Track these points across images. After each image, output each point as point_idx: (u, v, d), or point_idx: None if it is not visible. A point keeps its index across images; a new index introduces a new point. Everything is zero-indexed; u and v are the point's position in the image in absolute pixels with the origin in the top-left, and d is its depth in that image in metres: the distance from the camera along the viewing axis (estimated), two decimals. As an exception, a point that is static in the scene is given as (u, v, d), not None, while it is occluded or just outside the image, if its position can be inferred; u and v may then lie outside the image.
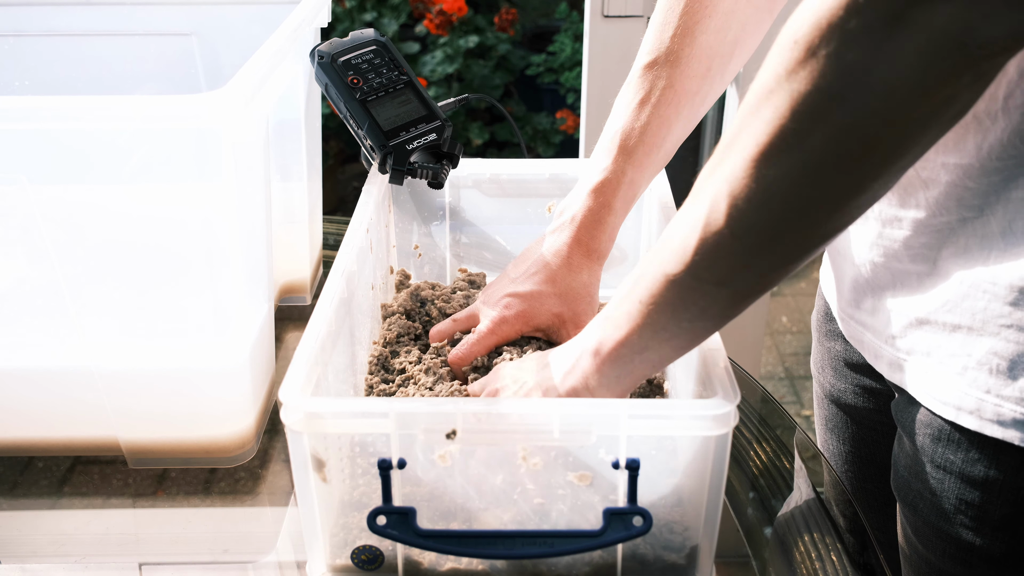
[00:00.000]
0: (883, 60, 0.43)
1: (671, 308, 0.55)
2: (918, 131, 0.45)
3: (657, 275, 0.54)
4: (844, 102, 0.44)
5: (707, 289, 0.53)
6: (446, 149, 0.87)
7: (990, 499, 0.65)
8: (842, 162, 0.46)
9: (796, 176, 0.47)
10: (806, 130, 0.45)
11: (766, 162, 0.47)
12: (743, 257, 0.51)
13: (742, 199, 0.48)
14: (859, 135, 0.45)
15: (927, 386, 0.67)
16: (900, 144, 0.46)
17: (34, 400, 0.78)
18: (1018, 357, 0.61)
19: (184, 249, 0.72)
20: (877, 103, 0.44)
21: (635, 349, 0.58)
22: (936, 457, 0.67)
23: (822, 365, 0.88)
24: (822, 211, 0.48)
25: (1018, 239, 0.59)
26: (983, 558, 0.67)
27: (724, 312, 0.54)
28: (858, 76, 0.43)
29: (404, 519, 0.59)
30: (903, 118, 0.44)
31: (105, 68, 1.02)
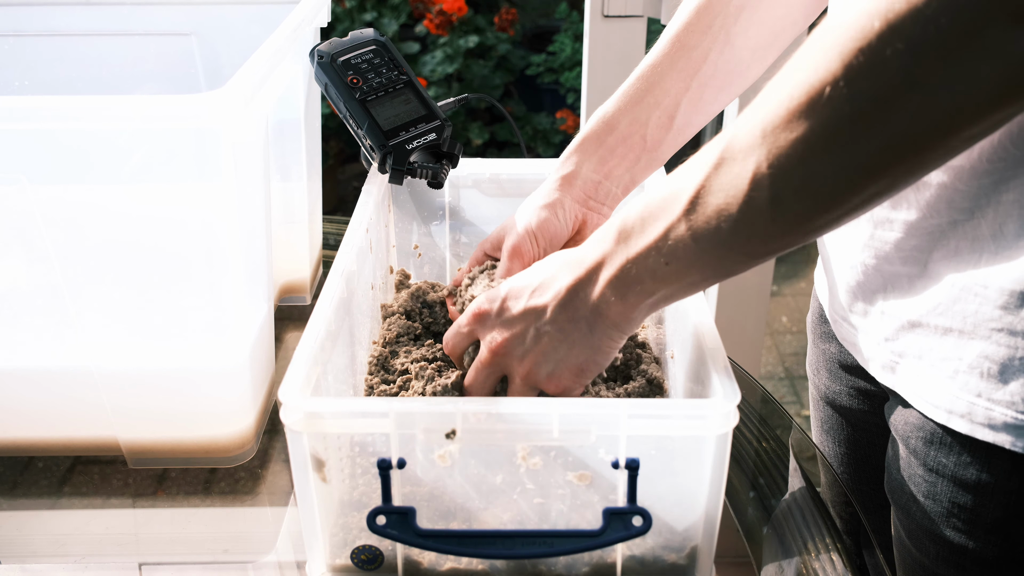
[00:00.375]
0: (954, 80, 0.42)
1: (699, 272, 0.55)
2: (966, 143, 0.46)
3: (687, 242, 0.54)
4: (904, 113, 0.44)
5: (737, 259, 0.53)
6: (446, 149, 0.87)
7: (982, 502, 0.65)
8: (891, 166, 0.46)
9: (845, 175, 0.47)
10: (863, 134, 0.45)
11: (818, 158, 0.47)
12: (778, 238, 0.51)
13: (787, 190, 0.48)
14: (913, 145, 0.45)
15: (919, 389, 0.67)
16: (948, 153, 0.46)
17: (34, 400, 0.78)
18: (1008, 361, 0.61)
19: (184, 249, 0.72)
20: (938, 118, 0.44)
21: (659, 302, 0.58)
22: (928, 460, 0.67)
23: (817, 367, 0.88)
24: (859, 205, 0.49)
25: (1009, 242, 0.59)
26: (976, 561, 0.67)
27: (744, 270, 0.55)
28: (923, 90, 0.43)
29: (404, 519, 0.59)
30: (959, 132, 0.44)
31: (105, 68, 1.02)
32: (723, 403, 0.57)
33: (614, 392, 0.73)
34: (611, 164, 0.79)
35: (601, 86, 1.64)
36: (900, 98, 0.43)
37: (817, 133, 0.46)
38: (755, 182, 0.49)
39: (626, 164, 0.79)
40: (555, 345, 0.61)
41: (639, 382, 0.74)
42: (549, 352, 0.62)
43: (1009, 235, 0.59)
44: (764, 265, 1.76)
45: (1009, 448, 0.62)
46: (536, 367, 0.63)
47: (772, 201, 0.49)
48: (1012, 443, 0.62)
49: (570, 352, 0.61)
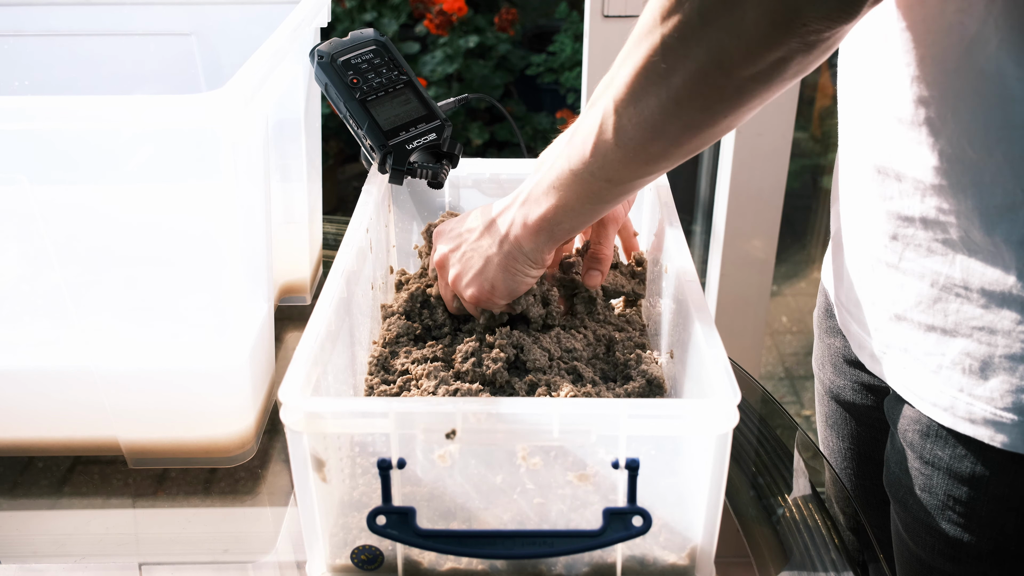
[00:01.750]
0: (723, 28, 0.51)
1: (574, 194, 0.65)
2: (755, 85, 0.54)
3: (565, 168, 0.65)
4: (696, 54, 0.53)
5: (601, 184, 0.64)
6: (446, 149, 0.87)
7: (978, 495, 0.65)
8: (696, 99, 0.55)
9: (664, 105, 0.56)
10: (670, 69, 0.55)
11: (642, 91, 0.57)
12: (625, 162, 0.61)
13: (624, 118, 0.59)
14: (708, 81, 0.54)
15: (905, 380, 0.68)
16: (741, 92, 0.54)
17: (34, 400, 0.78)
18: (989, 358, 0.62)
19: (184, 249, 0.72)
20: (721, 58, 0.53)
21: (551, 222, 0.68)
22: (925, 453, 0.68)
23: (822, 362, 0.89)
24: (684, 134, 0.58)
25: (979, 247, 0.60)
26: (971, 554, 0.67)
27: (615, 199, 0.66)
28: (706, 34, 0.52)
29: (404, 519, 0.59)
30: (741, 73, 0.53)
31: (105, 68, 1.02)
32: (723, 403, 0.57)
33: (614, 392, 0.73)
34: None
35: (601, 86, 1.64)
36: (695, 34, 0.52)
37: (641, 65, 0.56)
38: (604, 116, 0.60)
39: None
40: (474, 261, 0.73)
41: (639, 382, 0.74)
42: (470, 266, 0.74)
43: (978, 240, 0.60)
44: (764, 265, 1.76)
45: (988, 443, 0.63)
46: (460, 276, 0.75)
47: (616, 131, 0.60)
48: (991, 437, 0.63)
49: (486, 267, 0.72)
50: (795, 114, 1.67)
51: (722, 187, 1.73)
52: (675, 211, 0.82)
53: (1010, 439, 0.62)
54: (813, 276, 2.67)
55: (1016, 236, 0.59)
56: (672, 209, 0.82)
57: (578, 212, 0.67)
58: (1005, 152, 0.57)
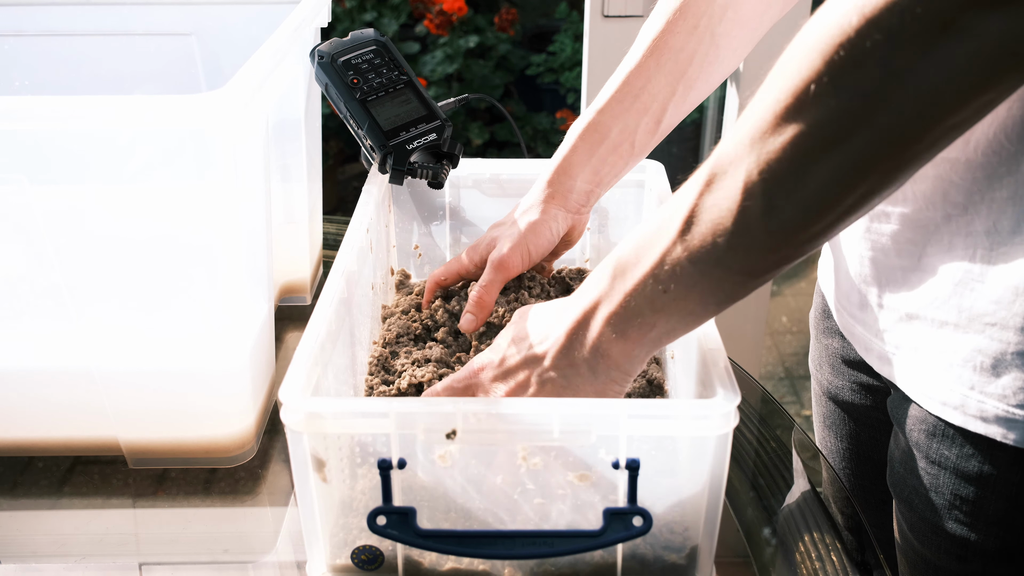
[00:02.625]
0: (931, 66, 0.42)
1: (699, 296, 0.54)
2: (953, 131, 0.46)
3: (684, 265, 0.53)
4: (890, 106, 0.44)
5: (736, 279, 0.52)
6: (446, 149, 0.87)
7: (985, 494, 0.65)
8: (881, 163, 0.46)
9: (837, 176, 0.47)
10: (850, 133, 0.45)
11: (809, 162, 0.47)
12: (774, 251, 0.50)
13: (780, 197, 0.48)
14: (900, 138, 0.45)
15: (915, 380, 0.68)
16: (935, 143, 0.46)
17: (34, 400, 0.78)
18: (1001, 355, 0.61)
19: (184, 249, 0.72)
20: (921, 108, 0.44)
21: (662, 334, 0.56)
22: (931, 453, 0.67)
23: (820, 362, 0.89)
24: (856, 207, 0.48)
25: (1004, 238, 0.60)
26: (978, 553, 0.67)
27: (746, 293, 0.54)
28: (906, 81, 0.43)
29: (404, 519, 0.59)
30: (943, 120, 0.44)
31: (105, 68, 1.02)
32: (723, 403, 0.57)
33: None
34: (603, 173, 0.80)
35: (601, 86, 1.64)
36: (883, 89, 0.44)
37: (805, 133, 0.46)
38: (747, 191, 0.49)
39: (615, 171, 0.80)
40: (558, 392, 0.60)
41: (639, 382, 0.74)
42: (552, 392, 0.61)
43: (1004, 231, 0.59)
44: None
45: (1000, 440, 0.63)
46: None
47: (766, 210, 0.49)
48: (1003, 435, 0.62)
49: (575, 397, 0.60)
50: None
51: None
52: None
53: (1022, 436, 0.62)
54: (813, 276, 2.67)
55: None
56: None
57: (698, 316, 0.55)
58: None
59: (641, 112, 0.78)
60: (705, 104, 2.00)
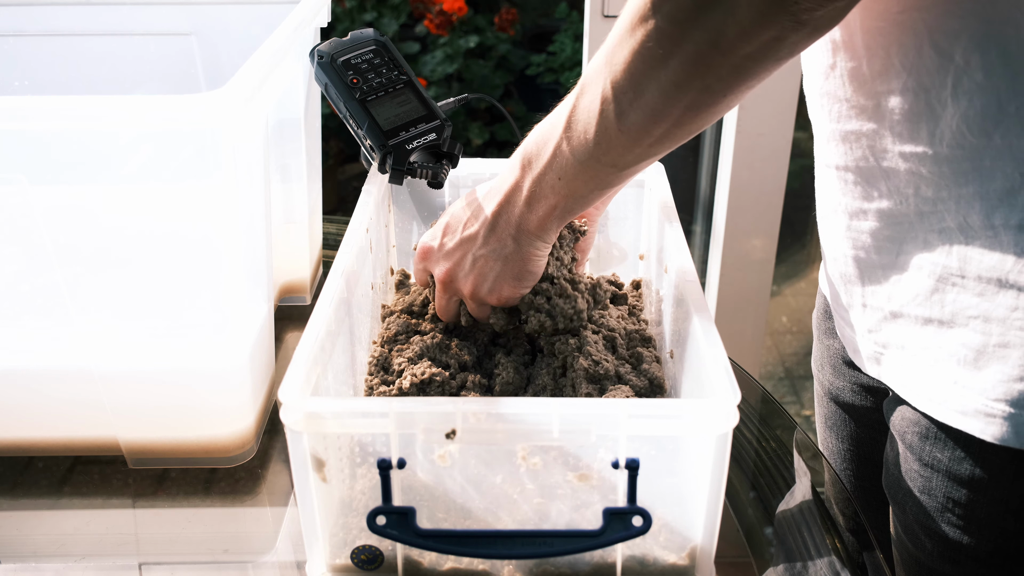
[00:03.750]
0: (717, 10, 0.52)
1: (582, 182, 0.65)
2: (752, 64, 0.54)
3: (569, 158, 0.64)
4: (692, 36, 0.54)
5: (607, 169, 0.64)
6: (446, 149, 0.87)
7: (977, 497, 0.65)
8: (695, 80, 0.56)
9: (664, 88, 0.57)
10: (667, 53, 0.55)
11: (641, 77, 0.57)
12: (629, 147, 0.61)
13: (625, 103, 0.59)
14: (705, 63, 0.55)
15: (902, 378, 0.68)
16: (739, 72, 0.55)
17: (34, 400, 0.78)
18: (983, 347, 0.62)
19: (184, 249, 0.72)
20: (717, 39, 0.53)
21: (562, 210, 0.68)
22: (924, 455, 0.68)
23: (821, 363, 0.89)
24: (686, 114, 0.58)
25: (977, 233, 0.60)
26: (971, 556, 0.67)
27: (622, 181, 0.66)
28: (701, 17, 0.53)
29: (404, 519, 0.59)
30: (738, 53, 0.53)
31: (105, 68, 1.02)
32: (723, 403, 0.57)
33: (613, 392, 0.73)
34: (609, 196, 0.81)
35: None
36: (690, 17, 0.53)
37: (637, 51, 0.56)
38: (603, 99, 0.60)
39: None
40: (491, 264, 0.72)
41: (641, 381, 0.74)
42: (487, 271, 0.72)
43: (976, 227, 0.60)
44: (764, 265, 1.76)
45: (978, 436, 0.63)
46: (478, 286, 0.73)
47: (617, 114, 0.59)
48: (981, 431, 0.62)
49: (504, 267, 0.71)
50: (795, 114, 1.67)
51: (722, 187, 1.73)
52: (675, 211, 0.82)
53: (1000, 432, 0.62)
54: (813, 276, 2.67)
55: (1015, 220, 0.59)
56: (672, 209, 0.82)
57: (586, 198, 0.67)
58: (1003, 136, 0.57)
59: None
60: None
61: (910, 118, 0.61)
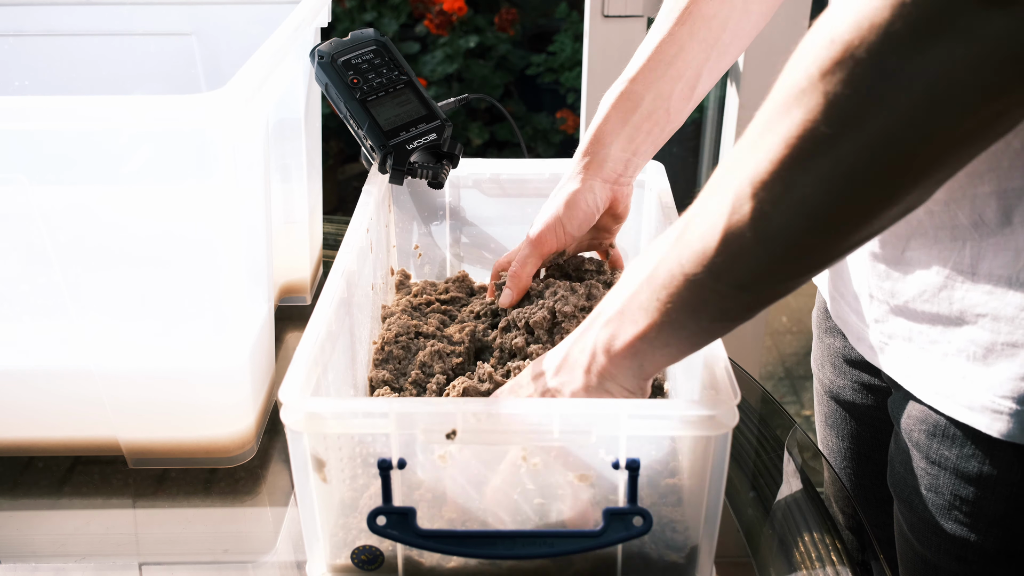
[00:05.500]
0: (927, 67, 0.39)
1: (690, 308, 0.52)
2: (958, 146, 0.42)
3: (675, 272, 0.51)
4: (882, 108, 0.41)
5: (727, 292, 0.50)
6: (446, 149, 0.87)
7: (985, 495, 0.65)
8: (875, 172, 0.43)
9: (827, 184, 0.43)
10: (839, 135, 0.42)
11: (796, 167, 0.44)
12: (766, 263, 0.48)
13: (768, 203, 0.45)
14: (895, 145, 0.42)
15: (908, 370, 0.68)
16: (937, 158, 0.42)
17: (34, 400, 0.78)
18: (991, 345, 0.62)
19: (184, 249, 0.72)
20: (917, 113, 0.40)
21: (653, 345, 0.55)
22: (931, 453, 0.67)
23: (822, 361, 0.89)
24: (851, 222, 0.45)
25: (993, 230, 0.60)
26: (978, 554, 0.67)
27: (743, 314, 0.52)
28: (899, 81, 0.40)
29: (404, 519, 0.59)
30: (943, 131, 0.41)
31: (105, 68, 1.02)
32: (723, 403, 0.57)
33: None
34: (638, 141, 0.79)
35: (601, 86, 1.64)
36: (873, 89, 0.41)
37: (791, 133, 0.44)
38: (737, 196, 0.47)
39: (652, 138, 0.79)
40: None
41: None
42: None
43: (991, 223, 0.60)
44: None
45: (985, 432, 0.63)
46: None
47: (754, 216, 0.46)
48: (988, 426, 0.62)
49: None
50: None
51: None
52: (675, 211, 0.82)
53: (1008, 429, 0.62)
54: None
55: None
56: (672, 209, 0.82)
57: (687, 333, 0.54)
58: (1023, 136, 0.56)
59: (675, 79, 0.77)
60: (705, 104, 2.00)
61: None
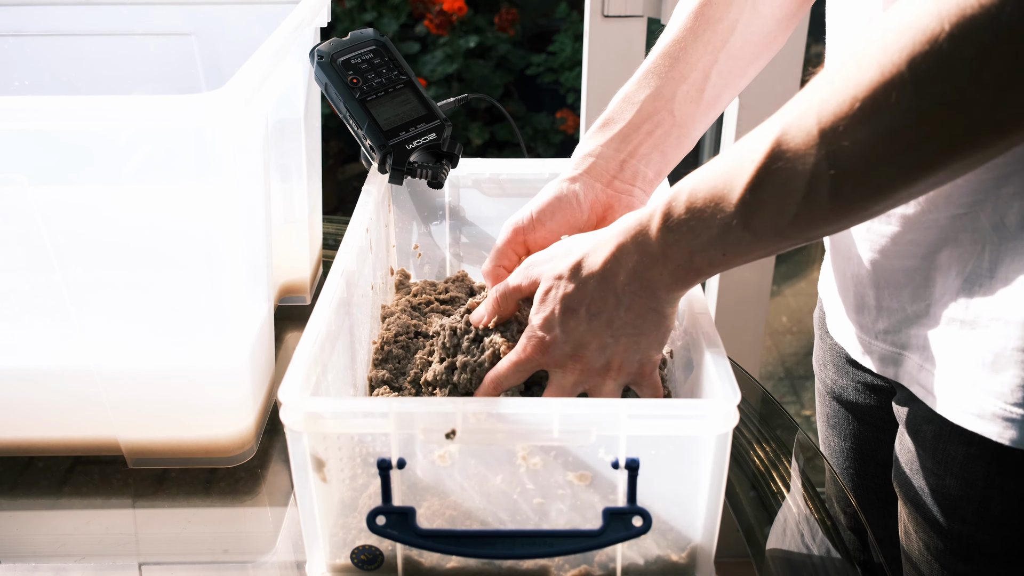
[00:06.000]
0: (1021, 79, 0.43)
1: (755, 253, 0.56)
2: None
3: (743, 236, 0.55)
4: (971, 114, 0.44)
5: (791, 241, 0.55)
6: (446, 149, 0.87)
7: (991, 495, 0.65)
8: (949, 162, 0.47)
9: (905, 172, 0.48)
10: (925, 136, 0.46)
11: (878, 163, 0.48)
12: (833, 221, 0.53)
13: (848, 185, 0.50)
14: (972, 141, 0.45)
15: (920, 379, 0.67)
16: (1009, 146, 0.46)
17: (34, 400, 0.78)
18: (1001, 350, 0.61)
19: (184, 249, 0.72)
20: (1001, 116, 0.44)
21: (706, 275, 0.59)
22: (937, 453, 0.67)
23: (824, 362, 0.88)
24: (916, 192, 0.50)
25: (1012, 233, 0.59)
26: (984, 554, 0.67)
27: (792, 247, 0.57)
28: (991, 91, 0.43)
29: (404, 519, 0.59)
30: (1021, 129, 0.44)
31: (105, 68, 1.02)
32: (723, 403, 0.57)
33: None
34: (636, 141, 0.75)
35: (601, 86, 1.64)
36: (968, 100, 0.44)
37: (881, 135, 0.47)
38: (815, 176, 0.50)
39: (652, 141, 0.75)
40: (635, 341, 0.63)
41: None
42: (631, 350, 0.63)
43: (1012, 226, 0.59)
44: (764, 265, 1.76)
45: (996, 440, 0.62)
46: (622, 367, 0.64)
47: (831, 195, 0.50)
48: (999, 435, 0.62)
49: (649, 340, 0.63)
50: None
51: (722, 187, 1.73)
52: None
53: (1018, 436, 0.62)
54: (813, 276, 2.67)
55: None
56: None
57: (748, 261, 0.58)
58: None
59: (678, 80, 0.74)
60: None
61: None
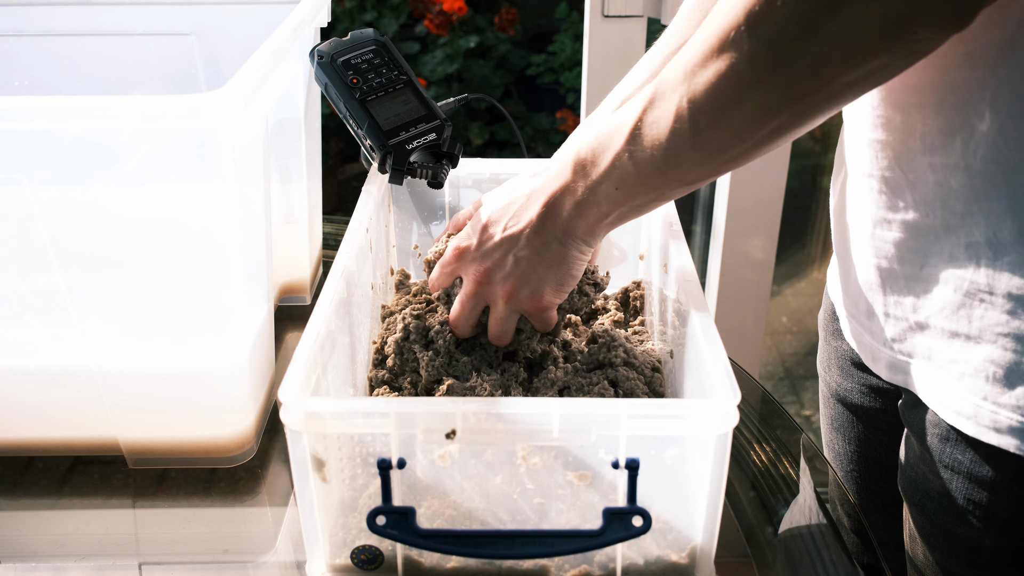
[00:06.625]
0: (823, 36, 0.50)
1: (642, 192, 0.63)
2: (850, 90, 0.53)
3: (630, 170, 0.62)
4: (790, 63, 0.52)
5: (672, 183, 0.62)
6: (446, 149, 0.87)
7: (998, 499, 0.65)
8: (785, 106, 0.54)
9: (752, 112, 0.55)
10: (760, 79, 0.53)
11: (727, 100, 0.55)
12: (702, 163, 0.59)
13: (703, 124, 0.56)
14: (800, 90, 0.53)
15: (928, 388, 0.67)
16: (834, 98, 0.53)
17: (34, 400, 0.78)
18: (1014, 365, 0.61)
19: (184, 249, 0.72)
20: (817, 66, 0.51)
21: (616, 217, 0.66)
22: (944, 457, 0.67)
23: (828, 364, 0.88)
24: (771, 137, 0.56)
25: (1007, 248, 0.59)
26: (991, 558, 0.67)
27: (682, 194, 0.64)
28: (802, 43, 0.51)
29: (404, 519, 0.59)
30: (839, 81, 0.52)
31: (105, 68, 1.02)
32: (723, 403, 0.57)
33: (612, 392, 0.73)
34: None
35: (601, 86, 1.64)
36: (791, 43, 0.51)
37: (724, 73, 0.54)
38: (678, 116, 0.57)
39: None
40: (533, 266, 0.69)
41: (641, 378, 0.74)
42: (528, 273, 0.69)
43: (1005, 242, 0.59)
44: (764, 265, 1.76)
45: (1015, 452, 0.62)
46: (517, 289, 0.70)
47: (693, 133, 0.57)
48: (1018, 447, 0.62)
49: (547, 270, 0.68)
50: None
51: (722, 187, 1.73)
52: (675, 211, 0.82)
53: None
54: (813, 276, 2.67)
55: None
56: (672, 209, 0.82)
57: (643, 208, 0.65)
58: None
59: None
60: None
61: (944, 130, 0.59)
